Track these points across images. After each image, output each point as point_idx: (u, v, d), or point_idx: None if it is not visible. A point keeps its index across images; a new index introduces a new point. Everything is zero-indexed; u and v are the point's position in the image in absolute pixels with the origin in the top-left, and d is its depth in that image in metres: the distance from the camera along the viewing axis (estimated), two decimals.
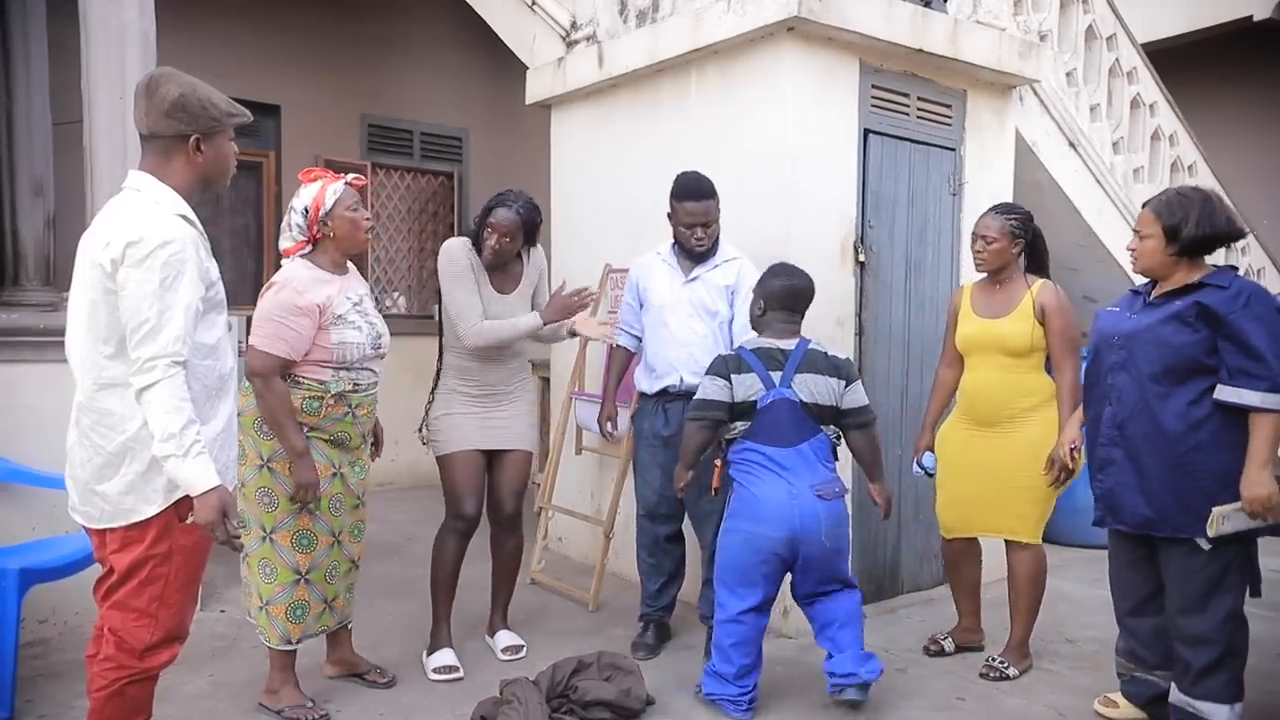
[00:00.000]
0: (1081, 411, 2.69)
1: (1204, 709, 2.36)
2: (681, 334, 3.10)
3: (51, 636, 3.15)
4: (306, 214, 2.58)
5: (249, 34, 5.71)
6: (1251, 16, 6.91)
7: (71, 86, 3.43)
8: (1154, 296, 2.47)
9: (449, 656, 2.97)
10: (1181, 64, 6.91)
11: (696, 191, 3.04)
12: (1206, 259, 2.44)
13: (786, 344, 2.72)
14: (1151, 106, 5.02)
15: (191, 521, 1.87)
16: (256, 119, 6.87)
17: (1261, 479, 2.24)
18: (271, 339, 2.47)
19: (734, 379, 2.66)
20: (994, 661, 3.01)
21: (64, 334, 1.95)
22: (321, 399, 2.56)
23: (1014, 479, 2.94)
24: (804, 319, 2.83)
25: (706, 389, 2.68)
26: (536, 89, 4.49)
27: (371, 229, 2.72)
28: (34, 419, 3.12)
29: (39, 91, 3.92)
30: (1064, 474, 2.83)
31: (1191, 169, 5.22)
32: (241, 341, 3.06)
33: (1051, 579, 3.13)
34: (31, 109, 3.89)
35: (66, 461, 1.95)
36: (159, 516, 1.87)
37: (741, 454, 2.69)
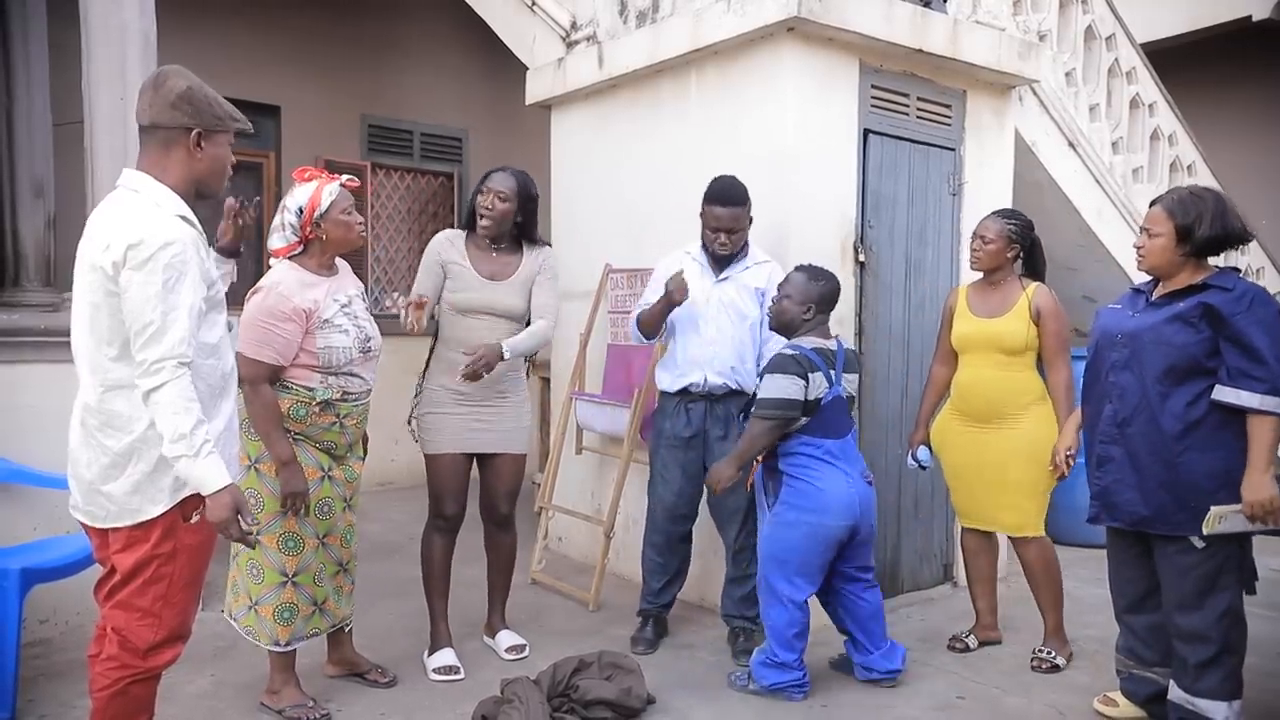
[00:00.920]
0: (1079, 416, 2.70)
1: (1203, 706, 2.37)
2: (709, 333, 3.10)
3: (53, 636, 3.16)
4: (300, 214, 2.56)
5: (249, 35, 5.71)
6: (1250, 16, 6.92)
7: (72, 87, 3.43)
8: (1157, 296, 2.47)
9: (449, 656, 2.97)
10: (1181, 64, 6.92)
11: (727, 197, 3.04)
12: (1210, 259, 2.45)
13: (831, 344, 2.83)
14: (1151, 106, 5.02)
15: (197, 520, 1.88)
16: (256, 119, 6.90)
17: (1263, 483, 2.25)
18: (258, 345, 2.45)
19: (810, 378, 2.70)
20: (1042, 653, 3.07)
21: (64, 334, 1.96)
22: (308, 406, 2.54)
23: (1008, 474, 3.01)
24: None
25: (786, 389, 2.67)
26: (536, 89, 4.49)
27: (363, 234, 2.71)
28: (35, 419, 3.12)
29: (39, 92, 3.92)
30: (1070, 460, 2.88)
31: (1191, 169, 5.23)
32: None
33: None
34: (32, 109, 3.89)
35: (69, 461, 1.95)
36: (164, 516, 1.88)
37: (797, 449, 2.77)
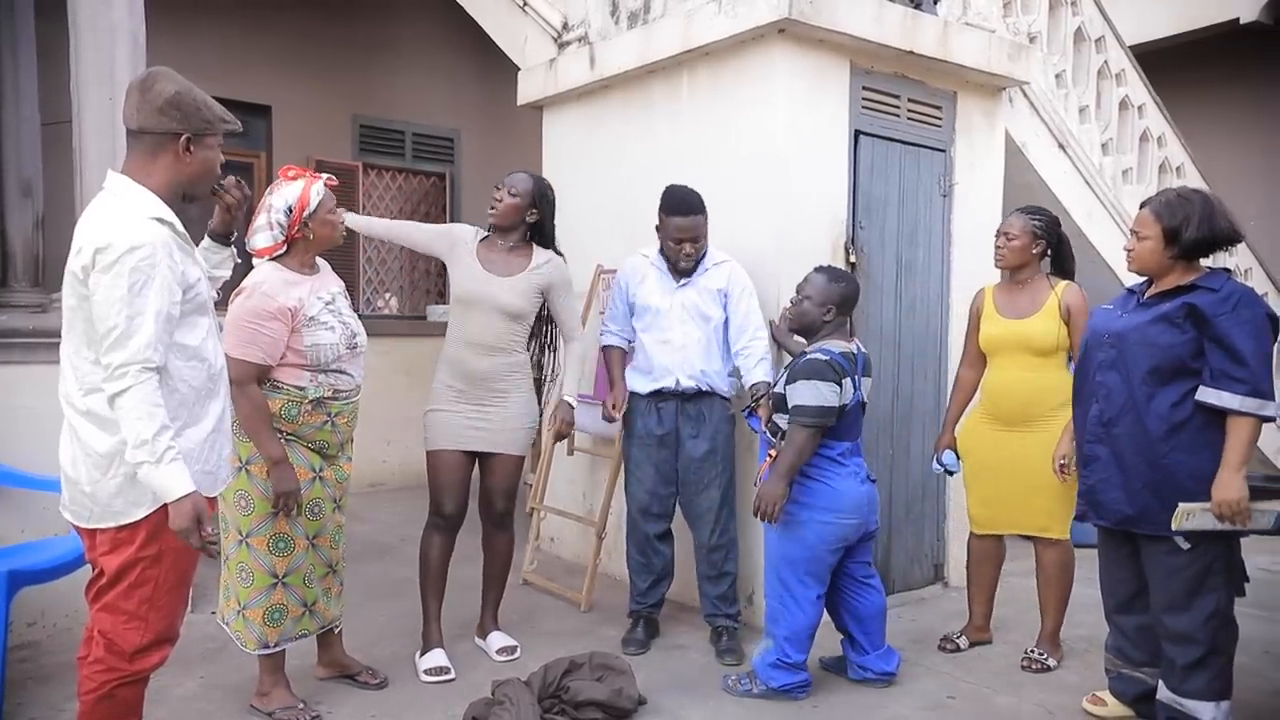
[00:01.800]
0: (1072, 423, 2.71)
1: (1190, 706, 2.38)
2: (677, 339, 3.12)
3: (41, 639, 3.14)
4: (289, 213, 2.54)
5: (240, 35, 5.69)
6: (1238, 19, 6.97)
7: (60, 87, 3.41)
8: (1147, 297, 2.49)
9: (440, 657, 2.96)
10: (1170, 65, 6.96)
11: (686, 206, 3.04)
12: (1201, 260, 2.46)
13: (853, 346, 2.83)
14: (1140, 108, 5.05)
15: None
16: (247, 120, 6.89)
17: (1233, 482, 2.26)
18: (244, 345, 2.44)
19: (843, 384, 2.71)
20: (1033, 653, 3.07)
21: (53, 335, 1.96)
22: (300, 405, 2.54)
23: (1041, 477, 2.97)
24: None
25: (826, 396, 2.66)
26: (528, 90, 4.49)
27: (344, 234, 2.71)
28: (23, 420, 3.10)
29: (28, 92, 3.89)
30: (1065, 470, 2.89)
31: (1180, 170, 5.26)
32: None
33: None
34: (20, 110, 3.87)
35: (60, 461, 1.95)
36: (149, 519, 1.87)
37: (816, 450, 2.78)
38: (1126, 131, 5.01)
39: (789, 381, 2.73)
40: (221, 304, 2.33)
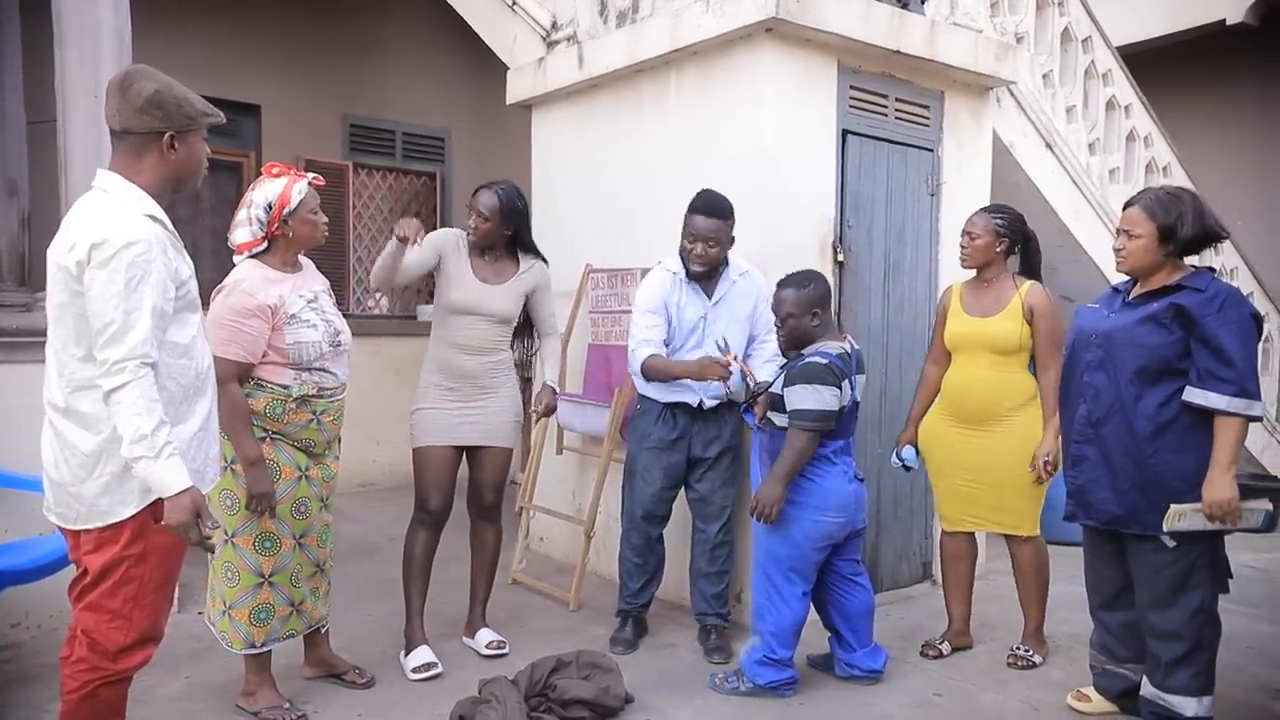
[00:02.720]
0: (1057, 420, 2.72)
1: (1173, 702, 2.40)
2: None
3: (24, 640, 3.12)
4: (269, 210, 2.54)
5: (229, 33, 5.67)
6: (1224, 20, 7.01)
7: (46, 86, 3.40)
8: (1133, 296, 2.49)
9: (427, 654, 2.97)
10: (1157, 66, 7.00)
11: (711, 209, 3.02)
12: (1187, 259, 2.47)
13: (847, 345, 2.82)
14: (1127, 108, 5.07)
15: (164, 523, 1.86)
16: (237, 119, 6.83)
17: (1224, 483, 2.28)
18: (224, 343, 2.43)
19: (843, 386, 2.71)
20: (1019, 650, 3.07)
21: (38, 335, 1.95)
22: (284, 403, 2.53)
23: (1004, 476, 2.98)
24: None
25: (827, 400, 2.66)
26: (517, 89, 4.49)
27: (326, 234, 2.69)
28: (8, 420, 3.08)
29: (13, 90, 3.88)
30: (1049, 469, 2.89)
31: (1166, 170, 5.28)
32: None
33: None
34: (5, 108, 3.85)
35: (43, 462, 1.94)
36: (134, 518, 1.86)
37: None
38: (1113, 131, 5.03)
39: (788, 384, 2.73)
40: (205, 303, 2.32)
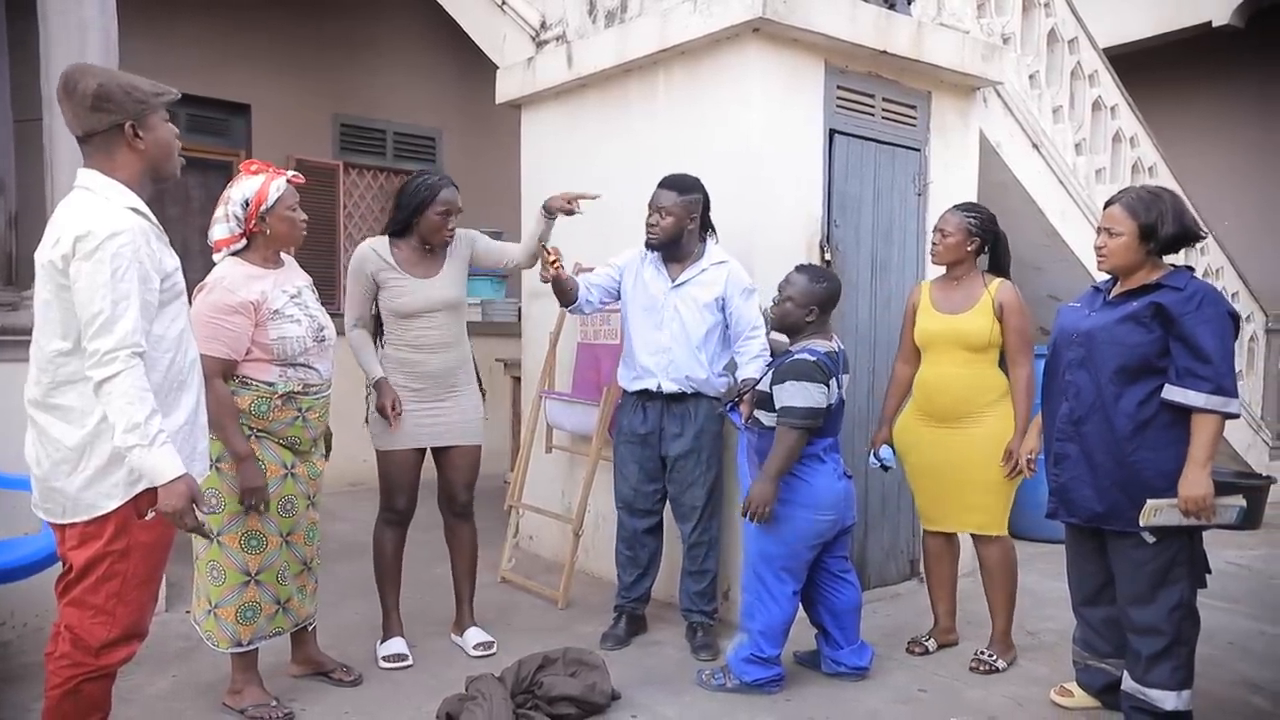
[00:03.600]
0: (1041, 419, 2.75)
1: (1153, 696, 2.43)
2: (663, 340, 3.10)
3: (11, 639, 3.11)
4: (246, 206, 2.53)
5: (218, 32, 5.67)
6: (1210, 22, 7.07)
7: (32, 84, 3.39)
8: (1113, 295, 2.52)
9: (399, 645, 3.01)
10: (1143, 67, 7.06)
11: (668, 181, 3.07)
12: (1167, 258, 2.50)
13: (834, 345, 2.84)
14: (1113, 109, 5.11)
15: (154, 515, 1.87)
16: (227, 119, 6.80)
17: (1199, 480, 2.30)
18: (208, 341, 2.42)
19: (830, 384, 2.72)
20: (983, 655, 3.06)
21: (24, 333, 1.95)
22: (269, 400, 2.53)
23: (974, 474, 3.00)
24: None
25: (815, 398, 2.68)
26: (506, 89, 4.49)
27: (305, 232, 2.68)
28: None
29: None
30: (1031, 466, 2.90)
31: (1152, 170, 5.32)
32: None
33: None
34: None
35: (27, 460, 1.94)
36: (117, 512, 1.87)
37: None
38: (1099, 132, 5.07)
39: (775, 381, 2.75)
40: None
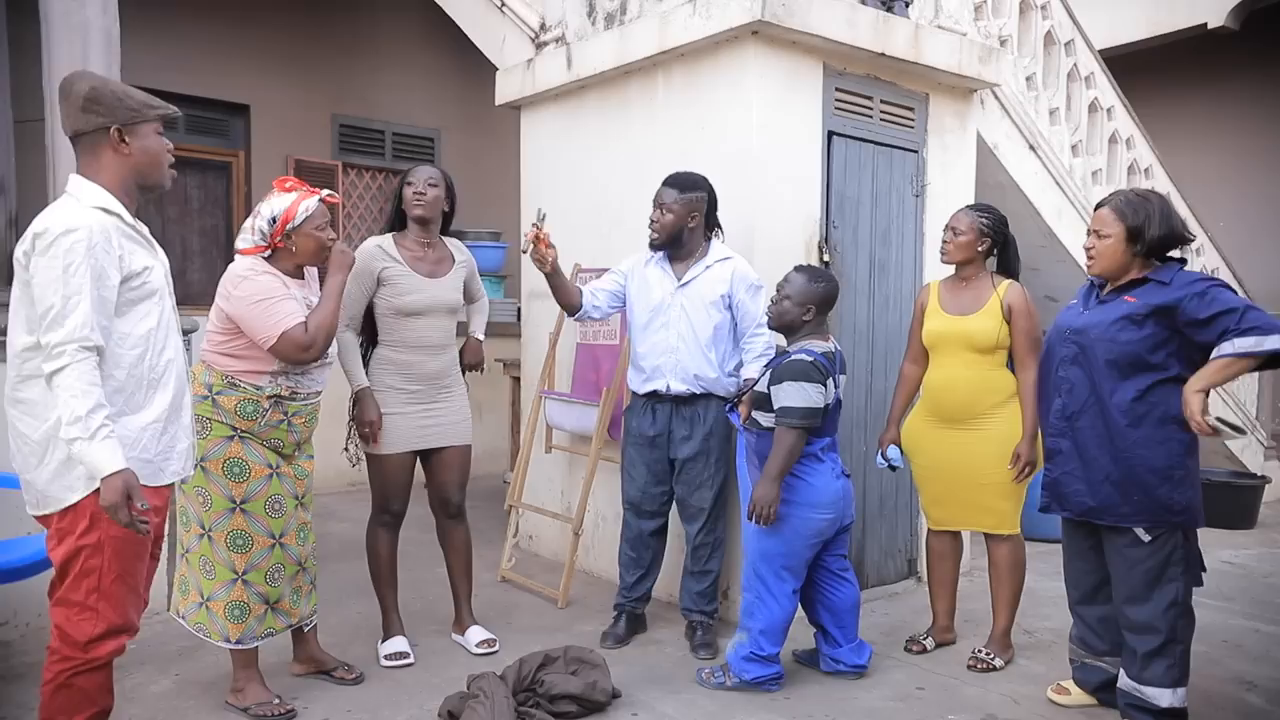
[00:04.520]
0: (1036, 423, 2.76)
1: (1149, 693, 2.45)
2: (671, 340, 3.10)
3: (12, 639, 3.12)
4: (273, 223, 2.55)
5: (218, 33, 5.68)
6: (1206, 24, 7.10)
7: (33, 85, 3.40)
8: (1106, 292, 2.55)
9: (400, 644, 3.03)
10: (1139, 69, 7.10)
11: (670, 179, 3.09)
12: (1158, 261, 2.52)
13: (831, 345, 2.86)
14: (1109, 110, 5.14)
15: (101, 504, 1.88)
16: (226, 119, 6.81)
17: (1194, 394, 2.31)
18: (281, 319, 2.45)
19: (827, 384, 2.74)
20: (980, 654, 3.07)
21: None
22: (257, 403, 2.54)
23: (985, 475, 3.00)
24: None
25: (813, 398, 2.70)
26: (506, 90, 4.51)
27: (330, 251, 2.67)
28: None
29: (0, 90, 3.87)
30: (1028, 468, 2.92)
31: (1148, 171, 5.36)
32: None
33: None
34: None
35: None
36: (87, 507, 1.89)
37: None
38: (1096, 133, 5.10)
39: (773, 382, 2.76)
40: (206, 303, 2.33)
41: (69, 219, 1.85)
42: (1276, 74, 7.34)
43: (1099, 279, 2.61)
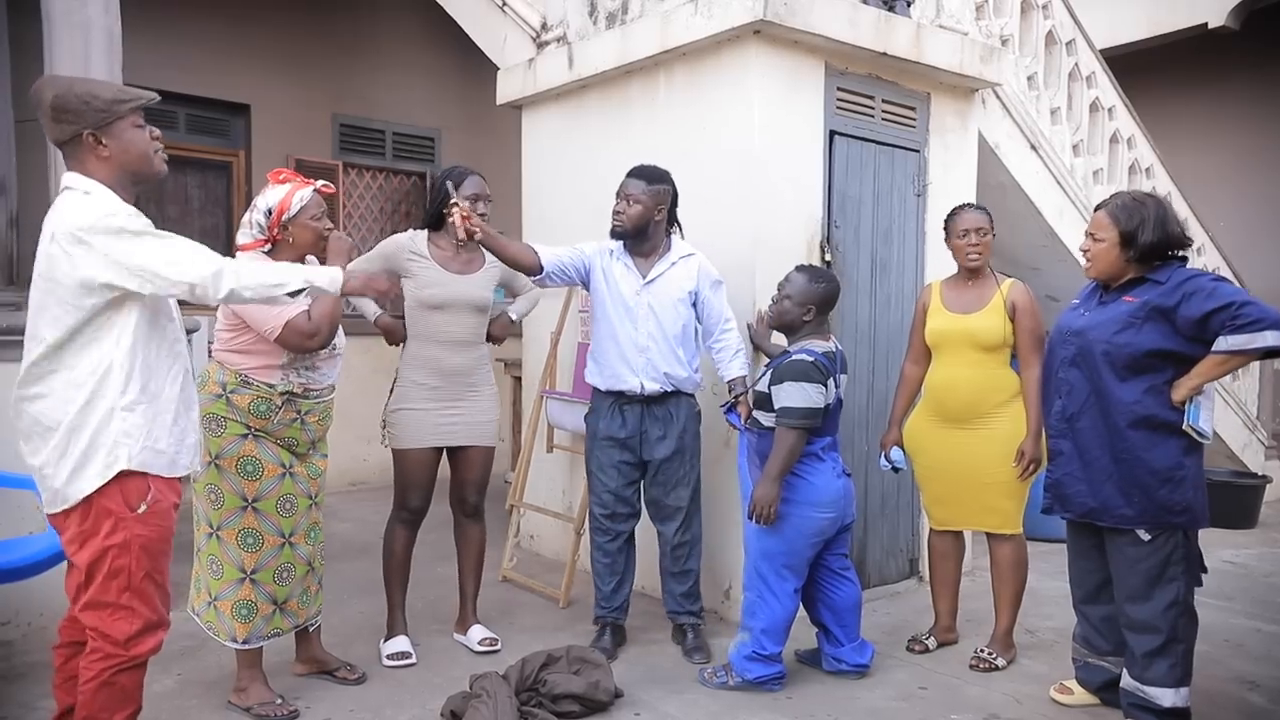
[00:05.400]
0: (1039, 421, 2.77)
1: (1151, 693, 2.45)
2: (641, 339, 3.04)
3: (15, 639, 3.12)
4: (269, 215, 2.55)
5: (219, 32, 5.67)
6: (1207, 24, 7.11)
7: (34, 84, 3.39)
8: (1106, 294, 2.56)
9: (403, 644, 3.03)
10: (1140, 69, 7.10)
11: (635, 170, 3.07)
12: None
13: (832, 345, 2.86)
14: (1110, 110, 5.14)
15: (145, 510, 1.91)
16: (227, 118, 6.79)
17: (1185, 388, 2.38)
18: (285, 308, 2.42)
19: (828, 384, 2.74)
20: (982, 653, 3.07)
21: (24, 333, 1.97)
22: (270, 401, 2.54)
23: (989, 475, 2.99)
24: None
25: (813, 398, 2.69)
26: (507, 90, 4.51)
27: (327, 239, 2.66)
28: None
29: (1, 89, 3.87)
30: (1033, 466, 2.92)
31: (1149, 171, 5.36)
32: (211, 343, 3.04)
33: None
34: None
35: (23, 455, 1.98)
36: (109, 508, 1.90)
37: None
38: (1097, 133, 5.10)
39: (774, 382, 2.76)
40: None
41: (105, 202, 1.89)
42: (1276, 74, 7.34)
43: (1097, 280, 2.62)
